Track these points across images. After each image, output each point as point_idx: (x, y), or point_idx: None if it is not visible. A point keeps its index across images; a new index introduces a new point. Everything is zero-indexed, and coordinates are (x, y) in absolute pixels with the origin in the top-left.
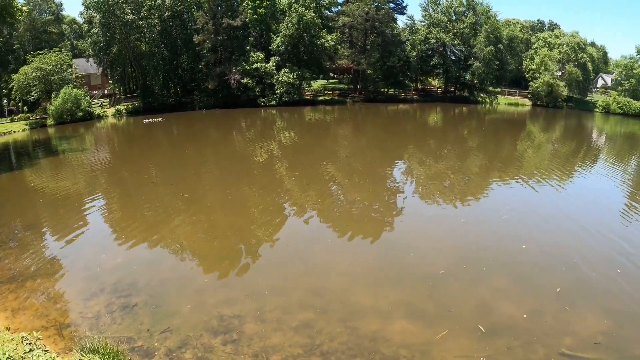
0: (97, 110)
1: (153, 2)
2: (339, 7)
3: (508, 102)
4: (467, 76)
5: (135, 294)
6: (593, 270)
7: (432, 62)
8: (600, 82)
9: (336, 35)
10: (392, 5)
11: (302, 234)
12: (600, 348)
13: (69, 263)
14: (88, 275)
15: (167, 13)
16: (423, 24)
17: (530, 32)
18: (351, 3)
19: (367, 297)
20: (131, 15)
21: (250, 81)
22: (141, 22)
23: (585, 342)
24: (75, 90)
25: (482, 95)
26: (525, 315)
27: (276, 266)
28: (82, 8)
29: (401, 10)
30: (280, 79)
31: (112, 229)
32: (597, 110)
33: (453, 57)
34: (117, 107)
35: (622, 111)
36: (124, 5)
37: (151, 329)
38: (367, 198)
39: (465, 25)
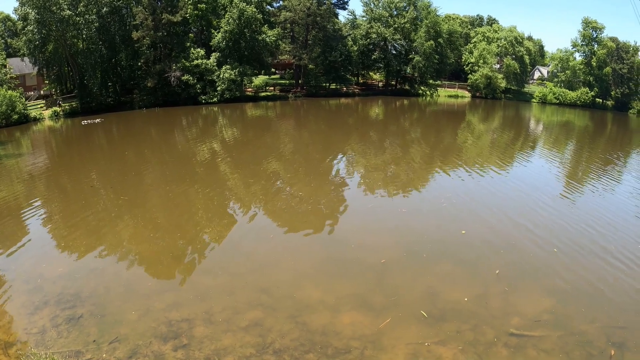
0: (34, 113)
1: None
2: (281, 2)
3: (448, 95)
4: (408, 70)
5: (80, 304)
6: (531, 252)
7: (374, 57)
8: (537, 74)
9: (278, 30)
10: (333, 0)
11: (247, 232)
12: (547, 325)
13: (9, 276)
14: (30, 288)
15: (105, 8)
16: (364, 19)
17: (469, 26)
18: None
19: (315, 291)
20: (68, 11)
21: (191, 78)
22: (78, 18)
23: (532, 321)
24: (9, 92)
25: (422, 88)
26: (470, 299)
27: (222, 266)
28: (16, 4)
29: (342, 5)
30: (221, 75)
31: (52, 237)
32: (534, 100)
33: (394, 52)
34: (54, 108)
35: (558, 101)
36: (61, 1)
37: (99, 340)
38: (310, 192)
39: (406, 20)
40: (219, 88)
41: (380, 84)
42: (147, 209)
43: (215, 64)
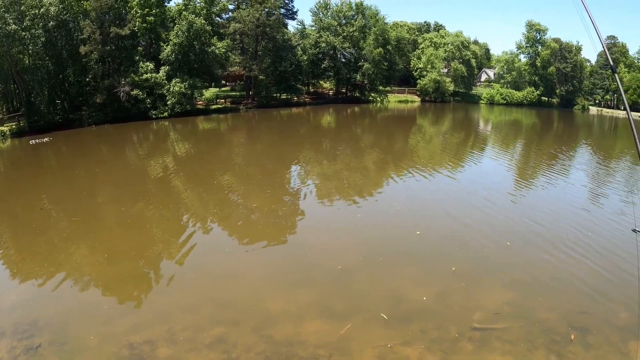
0: None
1: (37, 11)
2: (230, 13)
3: (398, 100)
4: (358, 77)
5: (38, 333)
6: (485, 247)
7: (323, 66)
8: (484, 77)
9: (227, 42)
10: (282, 10)
11: (204, 247)
12: (508, 317)
13: None
14: None
15: (52, 22)
16: (313, 28)
17: (417, 33)
18: (242, 9)
19: (277, 302)
20: (13, 26)
21: (141, 93)
22: (24, 33)
23: (493, 314)
24: None
25: (372, 94)
26: (431, 298)
27: (182, 283)
28: None
29: (292, 15)
30: (171, 89)
31: (3, 264)
32: (482, 102)
33: (343, 60)
34: (0, 128)
35: (505, 101)
36: (6, 15)
37: None
38: (266, 203)
39: (354, 28)
40: (169, 102)
41: (331, 92)
42: (101, 229)
43: (164, 77)
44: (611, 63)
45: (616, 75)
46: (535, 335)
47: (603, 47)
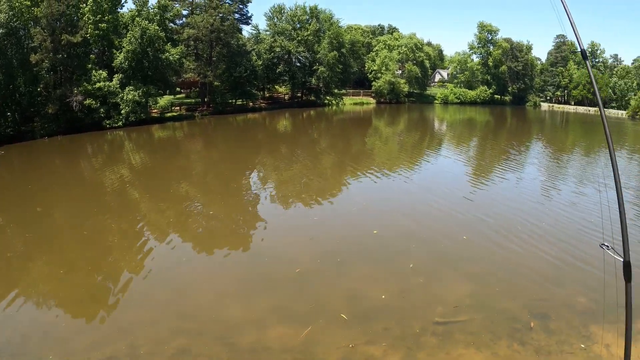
0: None
1: None
2: (184, 19)
3: (354, 102)
4: (313, 81)
5: None
6: (441, 243)
7: (278, 70)
8: (437, 77)
9: (181, 48)
10: (237, 15)
11: (163, 258)
12: (469, 309)
13: None
14: None
15: (1, 30)
16: (268, 33)
17: (371, 36)
18: (196, 15)
19: (239, 309)
20: None
21: (94, 102)
22: None
23: (454, 307)
24: None
25: (328, 97)
26: (391, 296)
27: (142, 296)
28: None
29: (246, 20)
30: (125, 97)
31: None
32: (436, 102)
33: (298, 64)
34: None
35: (459, 101)
36: None
37: None
38: (223, 211)
39: (309, 32)
40: (123, 111)
41: (287, 97)
42: (57, 245)
43: (118, 85)
44: (583, 47)
45: (587, 62)
46: (496, 325)
47: (574, 30)
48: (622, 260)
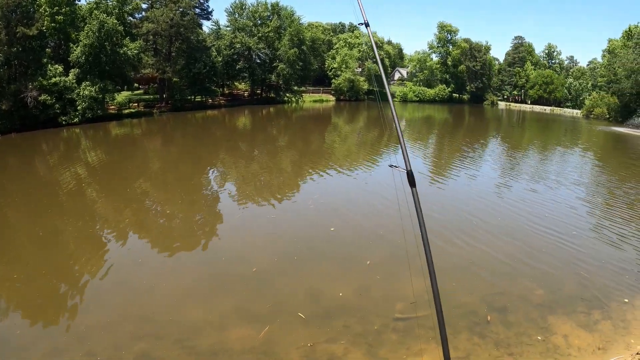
0: None
1: None
2: (143, 12)
3: (313, 100)
4: (273, 78)
5: None
6: (398, 239)
7: (238, 66)
8: (397, 75)
9: (140, 43)
10: (197, 10)
11: (120, 260)
12: (430, 304)
13: None
14: None
15: None
16: (229, 29)
17: (331, 33)
18: (156, 9)
19: (197, 311)
20: None
21: (49, 98)
22: None
23: (414, 303)
24: None
25: (288, 95)
26: (349, 293)
27: (100, 299)
28: None
29: (207, 15)
30: (81, 93)
31: None
32: (395, 99)
33: (258, 60)
34: None
35: (418, 99)
36: None
37: None
38: (181, 210)
39: (270, 29)
40: (79, 107)
41: (246, 94)
42: (13, 247)
43: (74, 80)
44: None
45: (369, 29)
46: (456, 319)
47: None
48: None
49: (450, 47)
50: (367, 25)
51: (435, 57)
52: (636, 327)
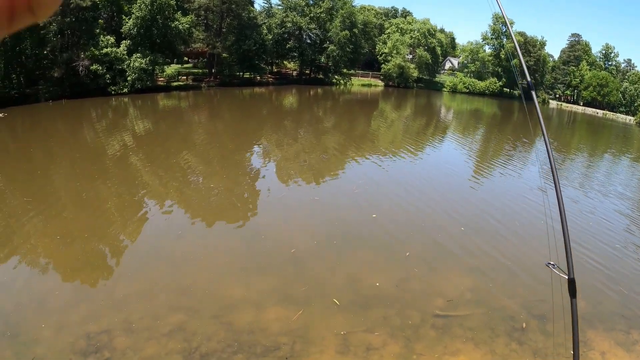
0: None
1: None
2: None
3: (361, 84)
4: (322, 59)
5: None
6: (440, 232)
7: (288, 46)
8: (447, 65)
9: (191, 17)
10: None
11: (161, 230)
12: (469, 304)
13: None
14: None
15: None
16: (280, 7)
17: (384, 18)
18: None
19: (236, 288)
20: None
21: (100, 68)
22: None
23: (455, 301)
24: None
25: (336, 77)
26: (389, 283)
27: (137, 268)
28: None
29: None
30: (131, 64)
31: None
32: (445, 89)
33: (309, 41)
34: None
35: (467, 90)
36: None
37: None
38: (225, 184)
39: (321, 10)
40: (129, 78)
41: (295, 73)
42: (57, 209)
43: (125, 52)
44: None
45: (511, 30)
46: (496, 323)
47: None
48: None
49: (504, 39)
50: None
51: (488, 49)
52: None
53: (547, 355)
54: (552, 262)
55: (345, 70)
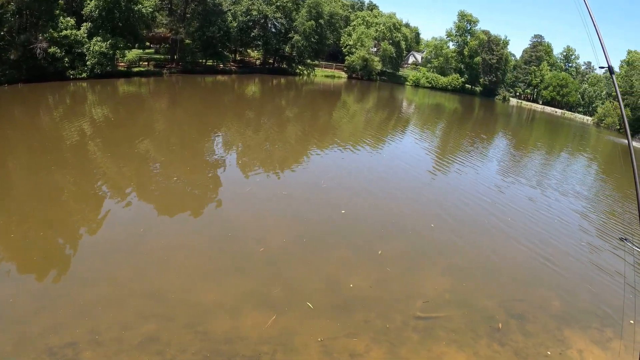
0: None
1: None
2: None
3: (325, 74)
4: (287, 49)
5: None
6: (409, 229)
7: (253, 34)
8: (411, 59)
9: (155, 1)
10: None
11: (124, 227)
12: (451, 305)
13: None
14: None
15: None
16: None
17: (350, 10)
18: None
19: (208, 292)
20: None
21: (59, 51)
22: None
23: (435, 302)
24: None
25: (300, 67)
26: (364, 285)
27: (101, 270)
28: None
29: None
30: (91, 48)
31: None
32: (408, 83)
33: (274, 30)
34: None
35: (430, 85)
36: None
37: None
38: (188, 176)
39: None
40: (88, 62)
41: (258, 62)
42: (11, 200)
43: (85, 35)
44: (609, 63)
45: (614, 77)
46: (477, 324)
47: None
48: None
49: (469, 37)
50: (611, 72)
51: (452, 46)
52: None
53: (528, 356)
54: (625, 237)
55: (309, 61)
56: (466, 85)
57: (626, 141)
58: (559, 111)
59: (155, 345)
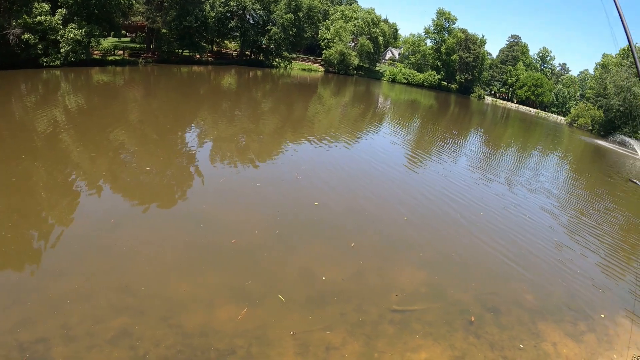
0: None
1: None
2: None
3: (302, 68)
4: (264, 41)
5: None
6: (382, 221)
7: (230, 25)
8: (388, 55)
9: None
10: None
11: (95, 218)
12: (426, 298)
13: None
14: None
15: None
16: None
17: (329, 4)
18: None
19: (181, 284)
20: None
21: (32, 37)
22: None
23: (411, 295)
24: None
25: (277, 60)
26: (342, 277)
27: (73, 262)
28: None
29: None
30: (66, 35)
31: None
32: (384, 79)
33: (252, 21)
34: None
35: (406, 81)
36: None
37: None
38: (161, 167)
39: None
40: (62, 50)
41: (235, 54)
42: None
43: (60, 21)
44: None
45: (635, 54)
46: (452, 317)
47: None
48: None
49: (446, 34)
50: (632, 51)
51: (429, 43)
52: (617, 343)
53: (504, 348)
54: (634, 179)
55: (286, 54)
56: (442, 82)
57: (597, 141)
58: (532, 110)
59: (128, 339)
